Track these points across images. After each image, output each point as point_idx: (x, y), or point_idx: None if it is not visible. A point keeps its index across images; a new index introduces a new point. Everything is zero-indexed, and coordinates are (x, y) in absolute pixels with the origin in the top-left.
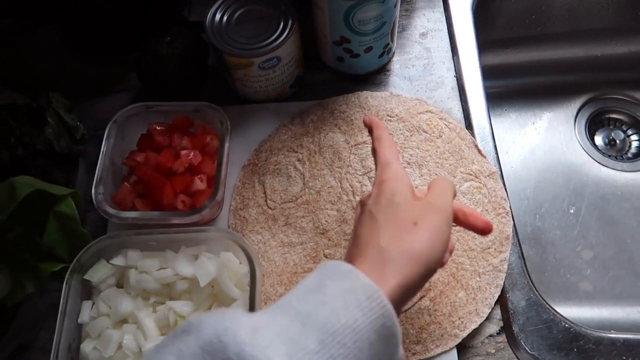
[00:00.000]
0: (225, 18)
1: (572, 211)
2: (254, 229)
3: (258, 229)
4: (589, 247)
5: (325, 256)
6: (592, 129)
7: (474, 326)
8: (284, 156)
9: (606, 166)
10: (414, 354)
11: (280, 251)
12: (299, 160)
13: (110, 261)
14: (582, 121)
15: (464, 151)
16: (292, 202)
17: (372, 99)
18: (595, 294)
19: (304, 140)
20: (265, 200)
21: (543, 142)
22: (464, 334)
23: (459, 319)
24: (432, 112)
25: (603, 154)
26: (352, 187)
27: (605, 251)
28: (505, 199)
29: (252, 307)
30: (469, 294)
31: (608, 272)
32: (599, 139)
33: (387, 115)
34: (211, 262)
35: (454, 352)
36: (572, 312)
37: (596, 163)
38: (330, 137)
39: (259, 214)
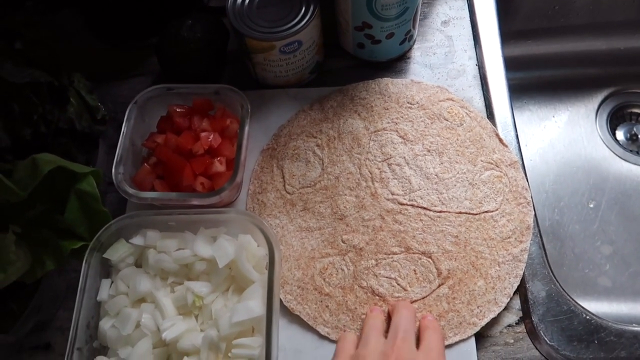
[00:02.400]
0: (246, 1)
1: (591, 206)
2: (272, 213)
3: (276, 213)
4: (609, 242)
5: (343, 241)
6: (613, 123)
7: (492, 315)
8: (302, 141)
9: (627, 161)
10: None
11: (298, 236)
12: (317, 145)
13: (130, 240)
14: (604, 115)
15: (484, 140)
16: (310, 187)
17: (392, 86)
18: (614, 289)
19: (323, 125)
20: (284, 185)
21: (563, 135)
22: (482, 323)
23: (478, 307)
24: (453, 100)
25: (624, 148)
26: (371, 173)
27: (625, 247)
28: (526, 189)
29: (270, 290)
30: (488, 283)
31: (628, 268)
32: (620, 134)
33: (408, 102)
34: (230, 243)
35: (472, 341)
36: (590, 306)
37: (617, 158)
38: (349, 123)
39: (277, 198)
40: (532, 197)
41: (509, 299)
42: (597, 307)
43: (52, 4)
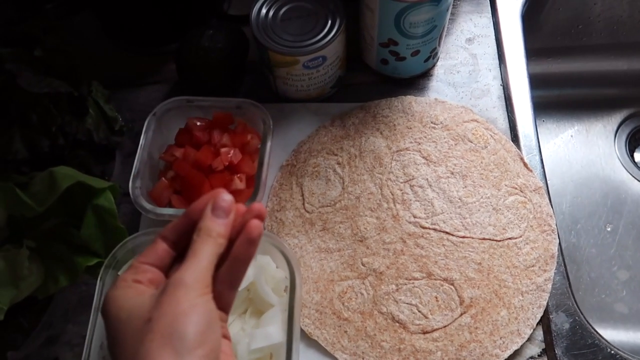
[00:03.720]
0: (271, 13)
1: (609, 229)
2: (290, 232)
3: (294, 232)
4: (626, 267)
5: (363, 264)
6: (632, 145)
7: (515, 347)
8: (323, 158)
9: None
10: None
11: (317, 257)
12: (338, 163)
13: None
14: (623, 137)
15: (509, 164)
16: (330, 206)
17: (415, 104)
18: (630, 316)
19: (344, 143)
20: (303, 204)
21: (581, 156)
22: (505, 355)
23: (500, 338)
24: (477, 122)
25: None
26: (392, 194)
27: None
28: (551, 216)
29: (290, 316)
30: (511, 313)
31: None
32: (639, 156)
33: (431, 122)
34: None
35: None
36: (606, 334)
37: (636, 181)
38: (371, 141)
39: (295, 217)
40: (556, 225)
41: (532, 330)
42: (613, 334)
43: (71, 7)
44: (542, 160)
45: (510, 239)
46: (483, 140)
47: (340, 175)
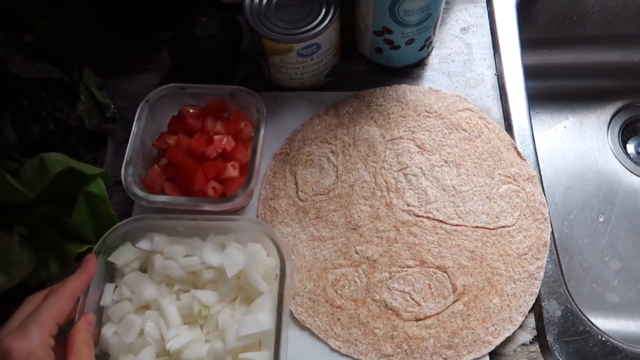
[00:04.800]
0: (265, 1)
1: (601, 220)
2: (283, 220)
3: (288, 220)
4: (618, 257)
5: (357, 252)
6: (625, 136)
7: (507, 334)
8: (317, 147)
9: (638, 175)
10: (445, 358)
11: (310, 245)
12: (332, 152)
13: (136, 244)
14: (616, 128)
15: (502, 152)
16: (323, 194)
17: (410, 93)
18: (621, 305)
19: (338, 131)
20: (297, 192)
21: (574, 147)
22: (497, 342)
23: (493, 325)
24: (472, 111)
25: (635, 162)
26: (386, 182)
27: (634, 262)
28: (544, 204)
29: (280, 304)
30: (504, 301)
31: (636, 284)
32: (631, 147)
33: (426, 111)
34: (239, 252)
35: (487, 359)
36: (597, 323)
37: (628, 172)
38: (365, 130)
39: (289, 205)
40: (549, 213)
41: (524, 317)
42: (604, 323)
43: None
44: (535, 149)
45: (503, 227)
46: (477, 129)
47: (334, 163)
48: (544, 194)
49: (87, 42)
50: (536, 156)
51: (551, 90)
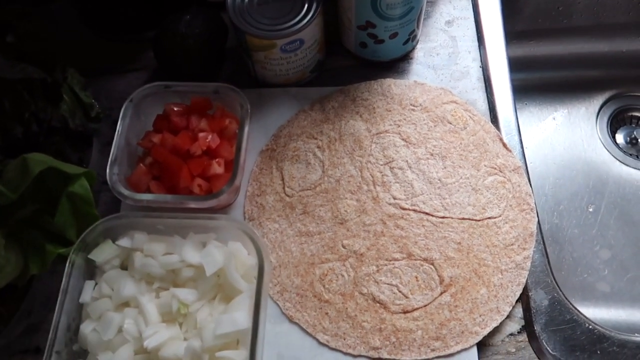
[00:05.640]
0: None
1: (591, 210)
2: (270, 216)
3: (275, 217)
4: (608, 247)
5: (344, 247)
6: (614, 126)
7: (494, 324)
8: (303, 142)
9: (627, 165)
10: (433, 350)
11: (298, 241)
12: (318, 147)
13: (116, 242)
14: (604, 118)
15: (488, 144)
16: (310, 189)
17: (395, 87)
18: (612, 295)
19: (324, 127)
20: (283, 188)
21: (563, 138)
22: (485, 332)
23: (480, 316)
24: (457, 103)
25: (624, 152)
26: (372, 176)
27: (624, 252)
28: (530, 195)
29: (257, 303)
30: (491, 291)
31: (626, 273)
32: (620, 137)
33: (411, 104)
34: (219, 251)
35: (474, 349)
36: (588, 312)
37: (617, 161)
38: (351, 124)
39: (276, 201)
40: (535, 204)
41: (511, 307)
42: (595, 313)
43: None
44: (521, 140)
45: (489, 218)
46: (462, 121)
47: (320, 158)
48: (530, 184)
49: (73, 42)
50: (522, 147)
51: (539, 82)
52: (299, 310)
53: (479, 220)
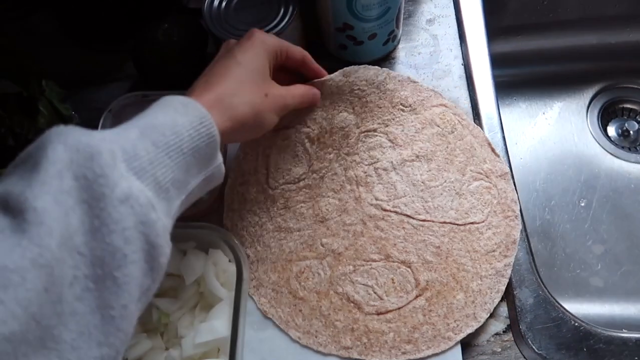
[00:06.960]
0: (224, 4)
1: (583, 204)
2: (251, 208)
3: (256, 209)
4: (600, 241)
5: (322, 245)
6: (604, 119)
7: (469, 331)
8: (294, 130)
9: (619, 158)
10: (404, 353)
11: (277, 236)
12: (308, 138)
13: None
14: (595, 111)
15: (475, 149)
16: (293, 184)
17: (389, 80)
18: (606, 290)
19: (317, 114)
20: (267, 178)
21: (554, 132)
22: (458, 338)
23: (455, 321)
24: (446, 107)
25: (616, 145)
26: (356, 176)
27: (617, 246)
28: (515, 202)
29: (236, 312)
30: (468, 297)
31: (620, 268)
32: (611, 130)
33: (401, 104)
34: (198, 259)
35: (458, 349)
36: (582, 308)
37: (609, 154)
38: (343, 116)
39: (258, 192)
40: (521, 210)
41: (488, 314)
42: (589, 308)
43: (26, 7)
44: (504, 138)
45: (472, 223)
46: (450, 125)
47: (308, 151)
48: (516, 191)
49: (54, 54)
50: (505, 145)
51: (529, 77)
52: (274, 306)
53: (461, 225)
